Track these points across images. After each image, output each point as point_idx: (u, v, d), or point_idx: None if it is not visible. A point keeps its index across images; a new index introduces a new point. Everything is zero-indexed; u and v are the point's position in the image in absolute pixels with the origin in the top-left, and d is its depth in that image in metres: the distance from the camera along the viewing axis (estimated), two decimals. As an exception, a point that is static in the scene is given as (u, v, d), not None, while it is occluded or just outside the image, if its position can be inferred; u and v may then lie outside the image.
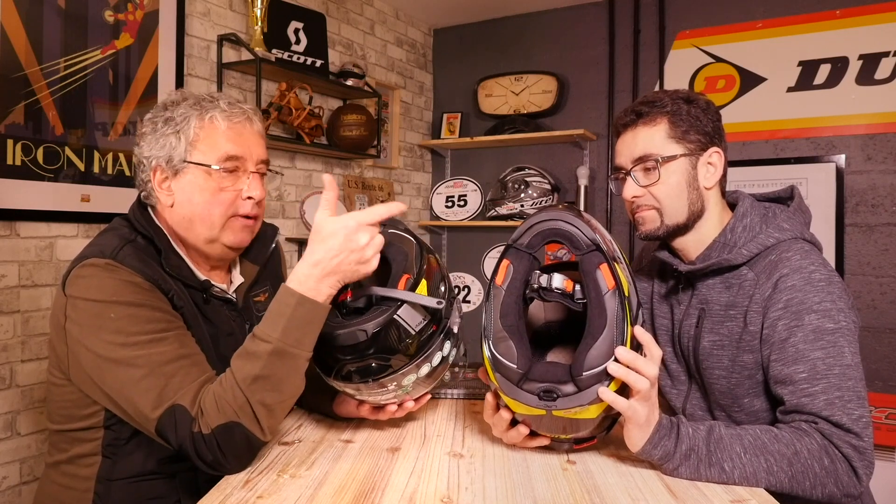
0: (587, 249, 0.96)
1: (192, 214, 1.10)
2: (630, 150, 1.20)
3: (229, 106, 1.12)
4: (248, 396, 0.93)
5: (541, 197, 3.23)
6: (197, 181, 1.10)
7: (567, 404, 0.94)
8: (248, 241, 1.17)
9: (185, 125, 1.09)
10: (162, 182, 1.12)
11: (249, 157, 1.13)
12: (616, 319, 0.93)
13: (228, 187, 1.11)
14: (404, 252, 1.04)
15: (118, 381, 0.97)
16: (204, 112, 1.10)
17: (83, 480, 1.08)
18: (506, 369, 0.98)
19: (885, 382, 2.65)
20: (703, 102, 1.19)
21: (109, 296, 0.99)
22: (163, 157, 1.10)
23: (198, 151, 1.09)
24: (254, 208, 1.14)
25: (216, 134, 1.10)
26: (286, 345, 0.94)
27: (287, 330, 0.94)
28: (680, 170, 1.17)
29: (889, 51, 2.66)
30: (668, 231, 1.20)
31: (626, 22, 3.22)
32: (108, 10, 2.03)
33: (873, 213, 2.70)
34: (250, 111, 1.15)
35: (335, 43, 3.01)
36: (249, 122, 1.14)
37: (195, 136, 1.09)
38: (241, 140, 1.12)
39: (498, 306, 1.00)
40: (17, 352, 1.83)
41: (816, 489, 0.97)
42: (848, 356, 1.04)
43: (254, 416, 0.94)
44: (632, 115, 1.20)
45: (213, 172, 1.09)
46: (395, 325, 0.97)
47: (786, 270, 1.10)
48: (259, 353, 0.94)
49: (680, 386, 1.29)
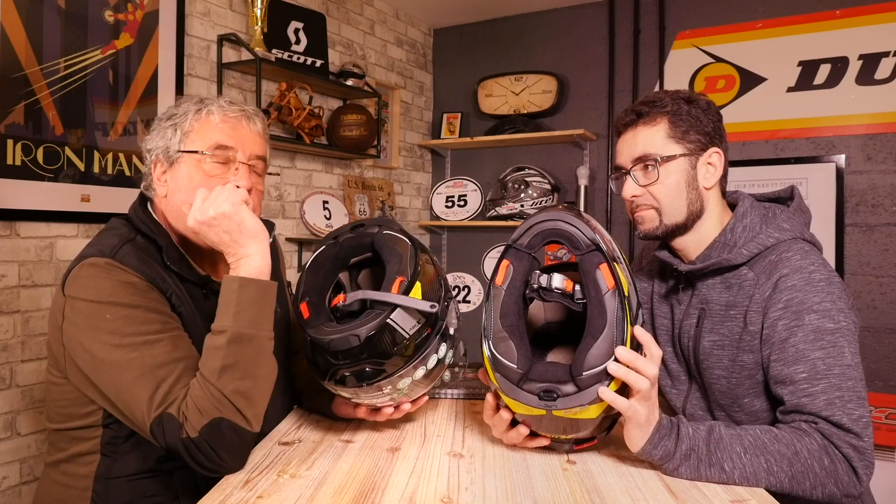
0: (587, 249, 0.96)
1: (182, 202, 1.11)
2: (630, 150, 1.20)
3: (228, 104, 1.15)
4: (220, 389, 0.94)
5: (541, 197, 3.23)
6: (188, 169, 1.11)
7: (567, 404, 0.94)
8: None
9: (183, 118, 1.13)
10: (161, 175, 1.14)
11: (241, 150, 1.13)
12: (616, 319, 0.93)
13: (217, 175, 1.11)
14: (398, 254, 1.04)
15: (113, 383, 0.98)
16: (202, 106, 1.14)
17: (82, 479, 1.08)
18: (506, 369, 0.98)
19: (885, 382, 2.65)
20: (704, 103, 1.19)
21: (107, 296, 0.99)
22: (160, 149, 1.13)
23: (190, 141, 1.12)
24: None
25: (209, 125, 1.12)
26: (241, 328, 0.97)
27: (238, 314, 0.97)
28: (679, 170, 1.17)
29: (889, 51, 2.66)
30: (667, 231, 1.20)
31: (626, 22, 3.22)
32: (108, 10, 2.03)
33: (873, 213, 2.70)
34: (251, 110, 1.17)
35: (335, 43, 3.01)
36: (247, 119, 1.16)
37: (189, 128, 1.12)
38: (235, 133, 1.13)
39: (498, 306, 0.99)
40: (17, 352, 1.83)
41: (816, 489, 0.97)
42: (848, 356, 1.04)
43: (233, 407, 0.95)
44: (632, 115, 1.21)
45: (203, 160, 1.11)
46: (388, 330, 0.97)
47: (786, 270, 1.10)
48: (218, 344, 0.96)
49: (680, 386, 1.29)
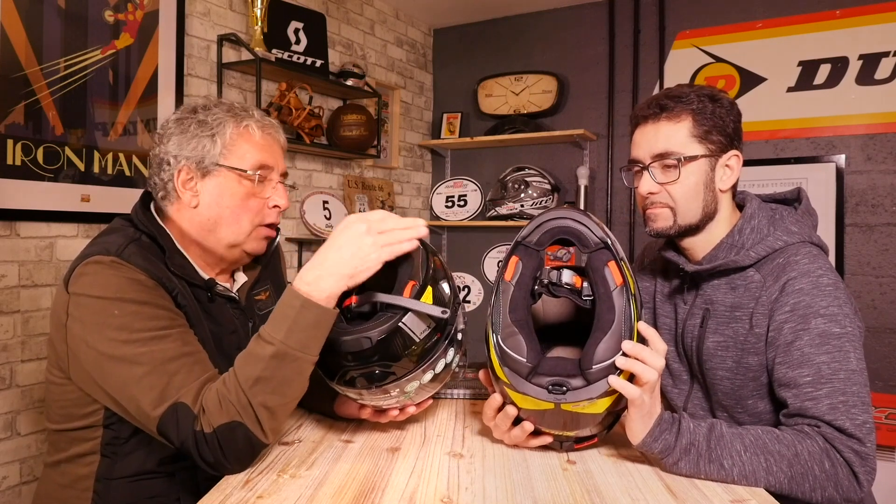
0: (596, 247, 0.98)
1: (218, 217, 1.13)
2: (650, 145, 1.18)
3: (262, 117, 1.18)
4: (249, 398, 0.93)
5: (541, 197, 3.23)
6: (228, 185, 1.12)
7: (576, 397, 0.94)
8: (265, 250, 1.21)
9: (221, 129, 1.12)
10: (187, 182, 1.13)
11: (277, 168, 1.18)
12: (624, 315, 0.94)
13: (257, 195, 1.14)
14: (410, 257, 1.03)
15: (120, 379, 0.97)
16: (239, 120, 1.14)
17: (82, 479, 1.08)
18: (514, 363, 0.98)
19: (886, 382, 2.65)
20: (727, 102, 1.18)
21: (114, 293, 0.99)
22: (193, 158, 1.12)
23: (233, 156, 1.12)
24: (277, 217, 1.19)
25: (251, 142, 1.14)
26: (289, 347, 0.93)
27: (291, 332, 0.93)
28: (699, 171, 1.16)
29: (889, 51, 2.66)
30: (680, 230, 1.20)
31: (626, 22, 3.22)
32: (108, 10, 2.03)
33: (873, 213, 2.70)
34: (278, 125, 1.21)
35: (335, 43, 3.01)
36: (279, 135, 1.20)
37: (230, 141, 1.12)
38: (272, 151, 1.17)
39: (507, 301, 1.00)
40: (17, 352, 1.83)
41: (816, 492, 0.97)
42: (853, 361, 1.04)
43: (255, 418, 0.94)
44: (655, 108, 1.18)
45: (244, 178, 1.13)
46: (399, 333, 0.97)
47: (794, 274, 1.10)
48: (261, 355, 0.94)
49: (682, 385, 1.29)
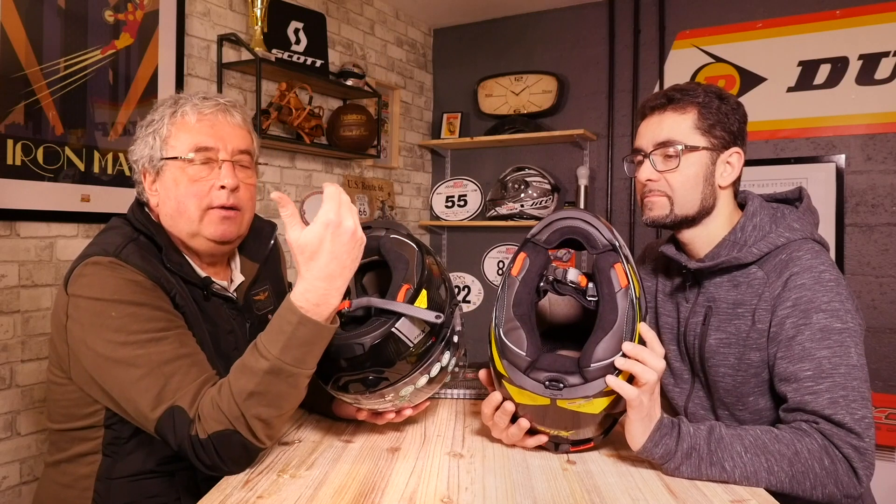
0: (604, 249, 0.99)
1: (172, 210, 1.11)
2: (654, 134, 1.20)
3: (202, 100, 1.13)
4: (242, 410, 0.92)
5: (541, 197, 3.23)
6: (174, 175, 1.11)
7: (572, 394, 0.95)
8: (232, 234, 1.14)
9: (160, 124, 1.12)
10: (151, 184, 1.14)
11: (223, 147, 1.12)
12: (626, 317, 0.95)
13: (202, 178, 1.10)
14: (405, 259, 1.02)
15: (118, 381, 0.97)
16: (177, 108, 1.12)
17: (83, 479, 1.08)
18: (514, 356, 0.98)
19: (886, 382, 2.65)
20: (734, 102, 1.20)
21: (111, 294, 0.99)
22: (146, 159, 1.13)
23: (170, 146, 1.11)
24: (230, 198, 1.11)
25: (186, 127, 1.11)
26: (284, 363, 0.91)
27: (286, 349, 0.91)
28: (699, 162, 1.17)
29: (889, 51, 2.65)
30: (676, 221, 1.20)
31: (626, 22, 3.21)
32: (108, 10, 2.03)
33: (873, 213, 2.70)
34: (227, 103, 1.15)
35: (335, 43, 3.01)
36: (225, 113, 1.13)
37: (167, 133, 1.11)
38: (213, 131, 1.11)
39: (512, 295, 1.01)
40: (17, 352, 1.83)
41: (816, 489, 0.97)
42: (854, 356, 1.04)
43: (249, 429, 0.93)
44: (662, 99, 1.20)
45: (185, 165, 1.10)
46: (393, 339, 0.96)
47: (796, 269, 1.10)
48: (256, 369, 0.92)
49: (683, 384, 1.30)
